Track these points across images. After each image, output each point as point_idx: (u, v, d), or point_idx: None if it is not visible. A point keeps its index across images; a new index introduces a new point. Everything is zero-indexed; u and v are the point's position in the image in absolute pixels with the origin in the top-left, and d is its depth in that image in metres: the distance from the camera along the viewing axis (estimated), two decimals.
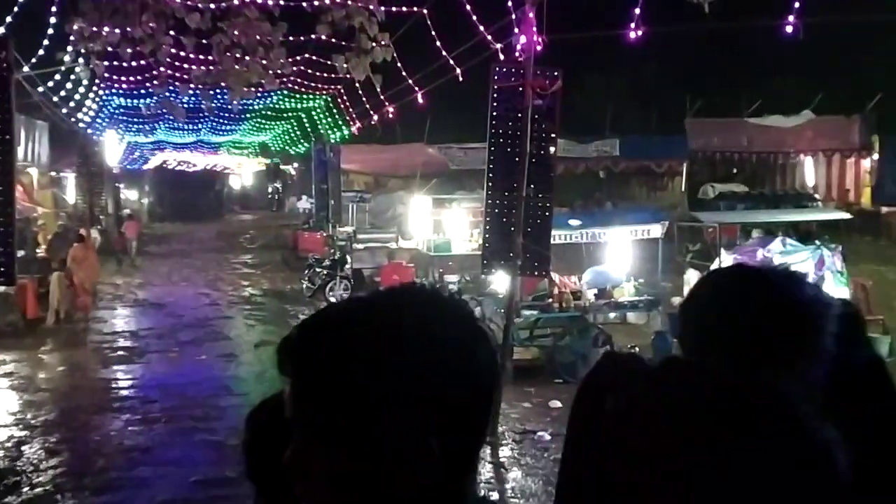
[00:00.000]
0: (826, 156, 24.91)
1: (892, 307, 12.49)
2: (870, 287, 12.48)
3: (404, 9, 11.04)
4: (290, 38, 11.14)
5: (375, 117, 19.42)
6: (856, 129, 24.31)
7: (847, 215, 14.64)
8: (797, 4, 9.47)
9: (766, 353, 1.24)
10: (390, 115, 17.93)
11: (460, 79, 12.26)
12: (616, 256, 12.87)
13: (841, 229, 15.02)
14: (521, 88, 9.01)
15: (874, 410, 1.35)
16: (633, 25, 9.50)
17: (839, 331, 1.31)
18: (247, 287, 19.83)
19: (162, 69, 11.15)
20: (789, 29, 9.76)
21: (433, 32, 11.89)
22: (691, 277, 12.49)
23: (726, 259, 11.82)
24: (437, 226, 18.83)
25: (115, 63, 12.93)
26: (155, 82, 13.44)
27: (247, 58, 9.51)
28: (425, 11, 11.51)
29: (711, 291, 1.44)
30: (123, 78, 17.70)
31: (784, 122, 24.43)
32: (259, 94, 18.90)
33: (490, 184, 9.37)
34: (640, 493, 0.80)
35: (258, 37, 9.46)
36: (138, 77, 16.75)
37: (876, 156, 24.41)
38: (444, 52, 12.04)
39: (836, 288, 11.19)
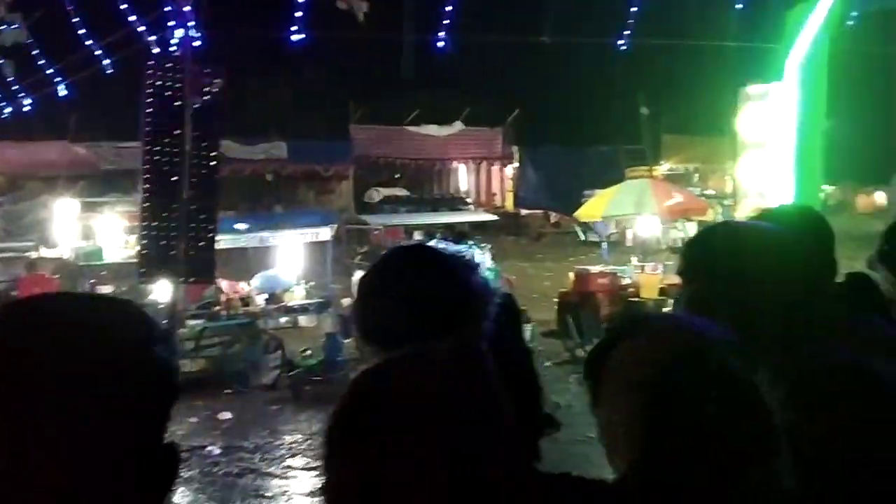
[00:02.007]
0: (475, 163, 27.41)
1: (532, 298, 14.04)
2: (514, 281, 13.94)
3: None
4: None
5: (7, 110, 17.08)
6: (499, 140, 27.11)
7: (494, 217, 16.19)
8: (446, 21, 10.24)
9: (428, 326, 1.31)
10: (25, 108, 15.90)
11: (109, 71, 11.28)
12: (286, 260, 12.80)
13: (489, 230, 16.51)
14: (179, 86, 8.53)
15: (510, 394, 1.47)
16: (294, 29, 9.50)
17: (498, 317, 1.41)
18: None
19: None
20: (440, 44, 10.53)
21: (77, 19, 10.75)
22: (359, 278, 12.86)
23: None
24: (88, 232, 17.14)
25: None
26: None
27: None
28: None
29: (395, 261, 1.54)
30: None
31: (438, 132, 26.42)
32: None
33: (147, 186, 8.75)
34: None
35: None
36: None
37: (517, 164, 27.48)
38: (90, 41, 10.95)
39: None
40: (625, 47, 11.93)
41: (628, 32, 11.64)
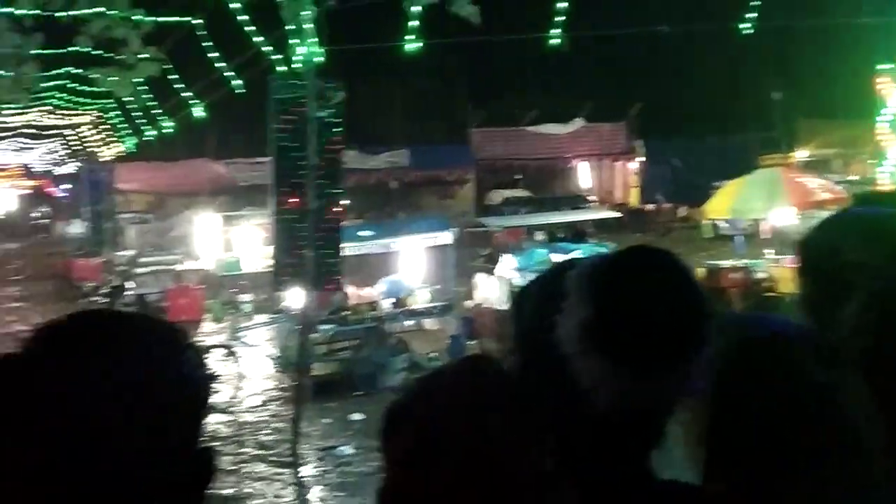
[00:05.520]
0: (597, 160, 26.95)
1: None
2: None
3: (174, 18, 10.47)
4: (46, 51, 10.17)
5: (152, 133, 18.36)
6: (621, 135, 26.53)
7: (617, 214, 15.81)
8: (561, 18, 10.11)
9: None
10: (166, 131, 17.04)
11: (240, 91, 11.87)
12: (409, 265, 13.03)
13: (612, 227, 16.16)
14: (303, 100, 8.86)
15: None
16: (410, 37, 9.66)
17: None
18: (15, 323, 17.93)
19: None
20: (556, 41, 10.42)
21: (207, 43, 11.39)
22: (481, 281, 12.92)
23: (508, 261, 12.38)
24: (227, 244, 18.11)
25: None
26: None
27: None
28: (199, 21, 11.00)
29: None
30: None
31: (559, 130, 26.16)
32: (15, 111, 17.20)
33: (277, 198, 9.13)
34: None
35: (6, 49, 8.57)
36: None
37: (641, 158, 26.80)
38: (220, 64, 11.58)
39: None
40: (750, 30, 11.36)
41: (753, 15, 11.08)
